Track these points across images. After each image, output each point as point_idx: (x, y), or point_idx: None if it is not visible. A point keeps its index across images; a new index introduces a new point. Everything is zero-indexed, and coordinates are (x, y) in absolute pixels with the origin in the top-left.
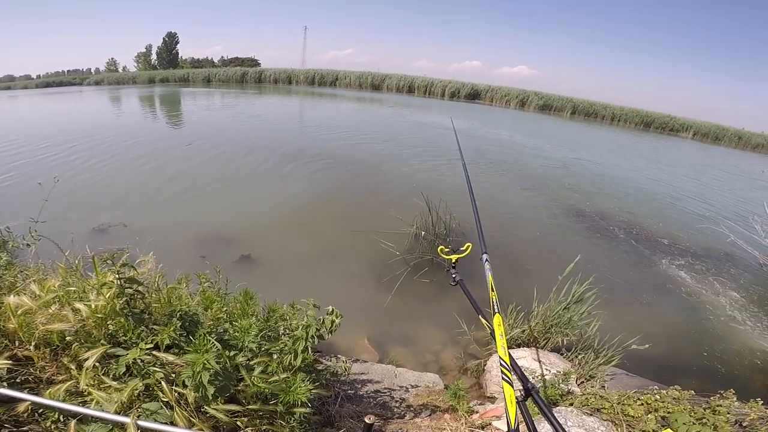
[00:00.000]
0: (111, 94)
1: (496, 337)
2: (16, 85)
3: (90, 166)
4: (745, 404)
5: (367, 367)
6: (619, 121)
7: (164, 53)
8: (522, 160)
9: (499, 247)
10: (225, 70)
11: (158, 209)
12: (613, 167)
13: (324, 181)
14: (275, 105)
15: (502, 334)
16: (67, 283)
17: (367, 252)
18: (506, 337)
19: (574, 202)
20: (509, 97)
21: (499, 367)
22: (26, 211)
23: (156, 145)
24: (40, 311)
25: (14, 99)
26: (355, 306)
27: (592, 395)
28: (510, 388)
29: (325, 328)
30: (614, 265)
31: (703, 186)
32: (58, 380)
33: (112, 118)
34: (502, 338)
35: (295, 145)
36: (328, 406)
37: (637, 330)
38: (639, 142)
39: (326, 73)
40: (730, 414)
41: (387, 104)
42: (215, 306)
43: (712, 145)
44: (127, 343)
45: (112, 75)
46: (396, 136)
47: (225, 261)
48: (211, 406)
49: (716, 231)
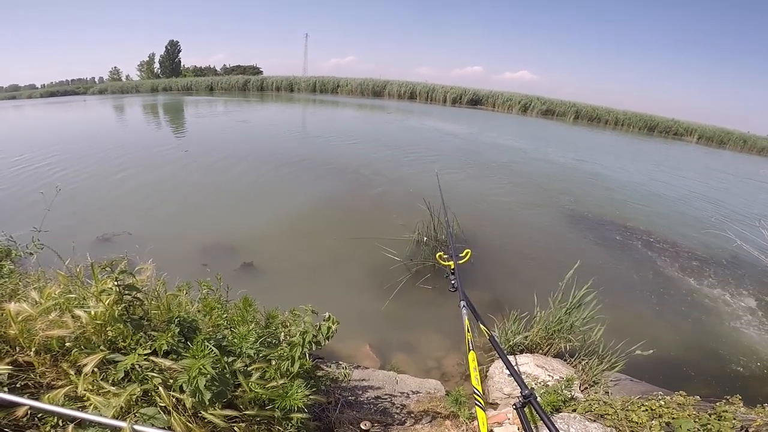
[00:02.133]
0: (115, 102)
1: (470, 370)
2: (20, 95)
3: (95, 175)
4: (752, 410)
5: (369, 374)
6: (623, 126)
7: (167, 62)
8: (523, 163)
9: (501, 251)
10: (227, 78)
11: (162, 217)
12: (616, 170)
13: (326, 188)
14: (277, 113)
15: (475, 368)
16: (67, 290)
17: (369, 259)
18: (509, 344)
19: (578, 206)
20: (511, 103)
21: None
22: (31, 221)
23: (159, 154)
24: (40, 318)
25: (19, 108)
26: (356, 313)
27: (596, 401)
28: (482, 412)
29: (321, 334)
30: (618, 270)
31: (708, 189)
32: (58, 385)
33: (115, 127)
34: (475, 371)
35: (297, 152)
36: (327, 413)
37: (641, 335)
38: (642, 146)
39: (327, 81)
40: (736, 420)
41: (388, 111)
42: (215, 313)
43: (717, 148)
44: (126, 349)
45: (116, 84)
46: (397, 142)
47: (227, 268)
48: (208, 411)
49: (722, 235)
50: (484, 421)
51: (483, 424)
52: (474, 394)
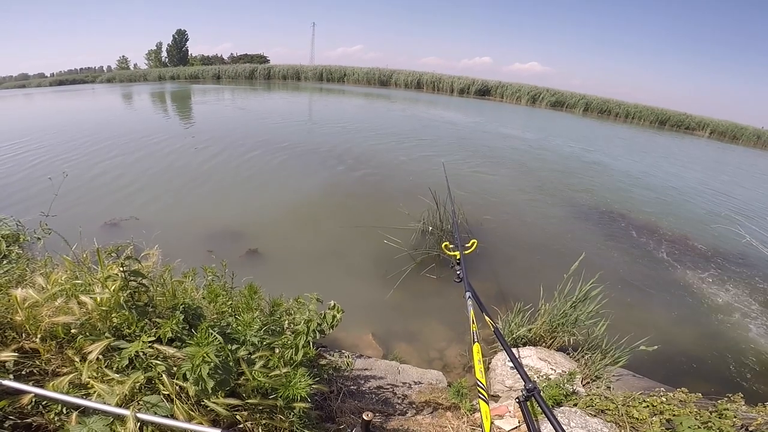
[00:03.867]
0: (123, 91)
1: (475, 362)
2: (30, 84)
3: (104, 161)
4: (753, 408)
5: (371, 363)
6: (633, 119)
7: (174, 51)
8: (529, 153)
9: (506, 242)
10: (234, 67)
11: (169, 203)
12: (625, 163)
13: (331, 176)
14: (283, 102)
15: (480, 360)
16: (73, 276)
17: (373, 247)
18: (513, 336)
19: (587, 198)
20: (520, 94)
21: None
22: (40, 206)
23: (166, 141)
24: (46, 304)
25: (29, 97)
26: (360, 301)
27: (597, 396)
28: (485, 405)
29: (326, 322)
30: (625, 265)
31: (719, 184)
32: (63, 372)
33: (124, 114)
34: (480, 363)
35: (302, 140)
36: (329, 402)
37: (646, 331)
38: (653, 140)
39: (334, 70)
40: (737, 418)
41: (395, 100)
42: (219, 300)
43: (730, 144)
44: (131, 336)
45: (124, 72)
46: (402, 132)
47: (232, 255)
48: (210, 399)
49: (732, 231)
50: (487, 414)
51: (486, 418)
52: (478, 386)
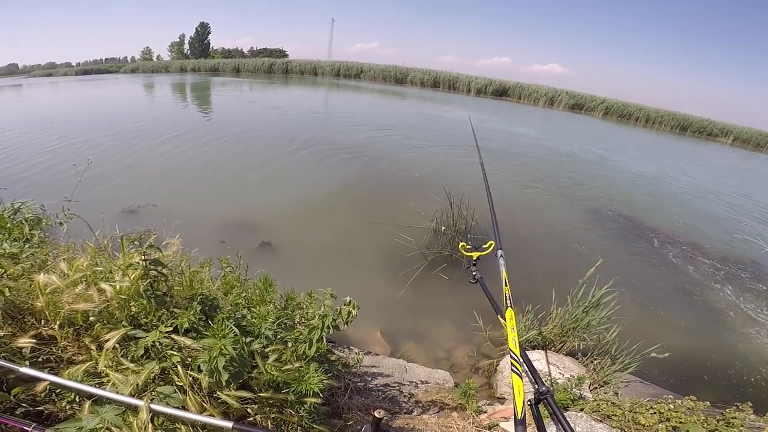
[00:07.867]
0: (145, 81)
1: (508, 330)
2: (57, 72)
3: (125, 149)
4: (761, 417)
5: (379, 360)
6: (654, 124)
7: (196, 43)
8: (550, 159)
9: (520, 244)
10: (253, 60)
11: (184, 192)
12: (646, 168)
13: (346, 172)
14: (300, 96)
15: (513, 327)
16: (95, 262)
17: (386, 245)
18: (521, 339)
19: (605, 203)
20: (538, 95)
21: (509, 359)
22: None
23: (185, 132)
24: (67, 290)
25: (55, 85)
26: (370, 298)
27: (604, 401)
28: (519, 379)
29: (341, 318)
30: (640, 271)
31: (741, 194)
32: (79, 360)
33: (146, 105)
34: (513, 331)
35: (318, 135)
36: (337, 397)
37: (657, 338)
38: (673, 146)
39: (351, 66)
40: (744, 427)
41: (410, 98)
42: (234, 291)
43: (754, 151)
44: (148, 325)
45: (147, 63)
46: (418, 130)
47: (245, 247)
48: (223, 392)
49: (751, 242)
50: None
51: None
52: (511, 357)
